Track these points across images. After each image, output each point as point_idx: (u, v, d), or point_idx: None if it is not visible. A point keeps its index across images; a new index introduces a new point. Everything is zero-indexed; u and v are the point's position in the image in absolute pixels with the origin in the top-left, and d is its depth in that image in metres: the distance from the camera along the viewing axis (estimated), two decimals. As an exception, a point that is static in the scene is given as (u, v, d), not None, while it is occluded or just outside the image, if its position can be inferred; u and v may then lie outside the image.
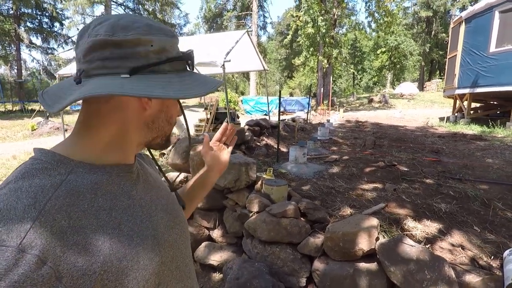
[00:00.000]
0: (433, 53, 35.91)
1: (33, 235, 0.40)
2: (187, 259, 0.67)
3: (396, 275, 1.82)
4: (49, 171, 0.48)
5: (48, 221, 0.42)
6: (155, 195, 0.63)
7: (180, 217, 0.68)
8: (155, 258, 0.54)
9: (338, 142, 6.14)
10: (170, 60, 0.54)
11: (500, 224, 2.51)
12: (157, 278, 0.54)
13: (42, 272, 0.39)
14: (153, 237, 0.55)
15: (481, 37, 9.71)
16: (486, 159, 4.72)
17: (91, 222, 0.47)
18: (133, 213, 0.54)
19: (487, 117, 10.08)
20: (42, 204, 0.43)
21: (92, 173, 0.51)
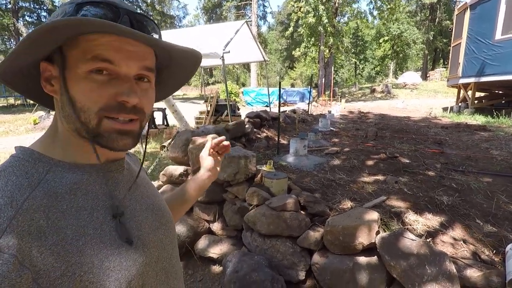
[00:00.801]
0: (437, 41, 35.30)
1: (9, 235, 0.39)
2: (174, 260, 0.65)
3: (396, 269, 1.80)
4: (27, 169, 0.46)
5: (25, 220, 0.41)
6: (140, 195, 0.61)
7: (166, 217, 0.66)
8: (138, 259, 0.52)
9: (340, 134, 6.09)
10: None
11: (503, 217, 2.48)
12: (141, 279, 0.52)
13: (20, 273, 0.38)
14: (137, 238, 0.54)
15: (487, 24, 9.50)
16: (490, 150, 4.66)
17: (71, 222, 0.45)
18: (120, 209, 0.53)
19: (492, 107, 9.95)
20: (19, 203, 0.42)
21: (71, 172, 0.50)
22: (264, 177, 2.66)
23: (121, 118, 0.50)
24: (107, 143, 0.50)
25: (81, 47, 0.46)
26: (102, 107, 0.48)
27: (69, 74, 0.48)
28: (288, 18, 31.49)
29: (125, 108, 0.49)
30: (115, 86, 0.48)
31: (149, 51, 0.52)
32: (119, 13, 0.47)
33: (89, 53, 0.46)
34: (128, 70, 0.49)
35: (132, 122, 0.51)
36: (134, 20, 0.49)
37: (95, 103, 0.47)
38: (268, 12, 33.54)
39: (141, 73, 0.51)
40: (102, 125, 0.49)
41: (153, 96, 0.55)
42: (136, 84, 0.50)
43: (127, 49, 0.48)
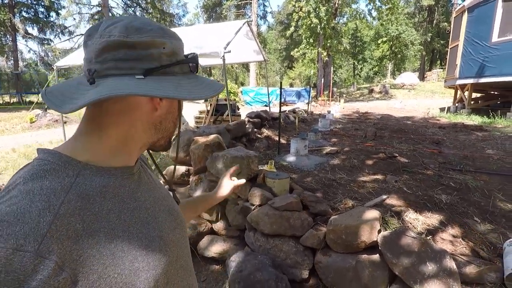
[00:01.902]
0: (434, 43, 35.51)
1: (50, 240, 0.40)
2: (188, 258, 0.68)
3: (398, 267, 1.85)
4: (57, 173, 0.47)
5: (63, 225, 0.42)
6: (157, 196, 0.64)
7: (180, 218, 0.69)
8: (163, 258, 0.55)
9: (339, 134, 6.13)
10: (179, 62, 0.56)
11: (500, 215, 2.53)
12: (166, 277, 0.55)
13: (59, 278, 0.39)
14: (160, 238, 0.56)
15: (484, 26, 9.59)
16: (486, 150, 4.72)
17: (103, 225, 0.47)
18: (140, 215, 0.55)
19: (488, 108, 10.04)
20: (56, 207, 0.43)
21: (99, 175, 0.51)
22: (266, 177, 2.69)
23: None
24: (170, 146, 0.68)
25: None
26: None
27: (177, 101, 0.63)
28: (288, 18, 31.54)
29: None
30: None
31: None
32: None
33: None
34: None
35: None
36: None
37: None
38: (268, 12, 33.53)
39: None
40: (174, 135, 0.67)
41: None
42: None
43: None
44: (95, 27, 0.53)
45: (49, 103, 0.50)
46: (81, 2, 23.50)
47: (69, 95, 0.50)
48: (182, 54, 0.58)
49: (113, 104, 0.53)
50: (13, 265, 0.37)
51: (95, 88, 0.48)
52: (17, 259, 0.37)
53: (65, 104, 0.48)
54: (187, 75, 0.58)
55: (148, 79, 0.50)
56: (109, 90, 0.46)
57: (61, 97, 0.50)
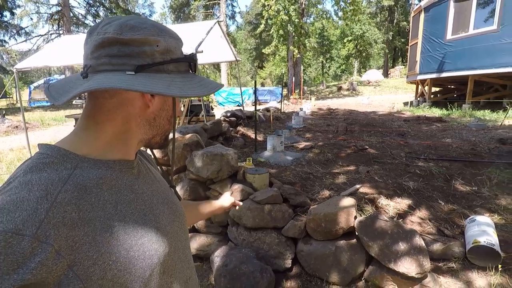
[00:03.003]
0: (395, 41, 37.43)
1: (47, 225, 0.42)
2: (187, 250, 0.70)
3: (374, 248, 1.99)
4: (56, 165, 0.49)
5: (59, 212, 0.44)
6: (156, 189, 0.66)
7: (179, 211, 0.71)
8: (159, 248, 0.57)
9: (312, 130, 6.33)
10: (174, 60, 0.56)
11: (460, 197, 2.78)
12: (162, 267, 0.57)
13: (56, 261, 0.42)
14: (156, 229, 0.58)
15: (439, 25, 10.31)
16: (446, 139, 5.11)
17: (99, 214, 0.49)
18: (137, 207, 0.57)
19: (446, 100, 10.81)
20: (53, 196, 0.45)
21: (96, 168, 0.53)
22: (246, 173, 2.75)
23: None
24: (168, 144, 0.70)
25: None
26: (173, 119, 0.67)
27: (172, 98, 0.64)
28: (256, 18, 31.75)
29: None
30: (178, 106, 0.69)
31: None
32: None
33: None
34: None
35: None
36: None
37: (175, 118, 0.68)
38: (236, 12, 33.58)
39: None
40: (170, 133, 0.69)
41: None
42: None
43: None
44: (95, 25, 0.55)
45: (49, 97, 0.54)
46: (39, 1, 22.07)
47: (67, 89, 0.53)
48: (178, 52, 0.58)
49: (108, 100, 0.55)
50: (12, 248, 0.39)
51: (87, 82, 0.51)
52: (16, 242, 0.39)
53: (61, 97, 0.52)
54: (184, 74, 0.58)
55: (139, 76, 0.51)
56: (96, 84, 0.49)
57: (60, 91, 0.54)
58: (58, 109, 16.07)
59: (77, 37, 7.40)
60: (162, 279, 0.57)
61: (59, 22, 21.92)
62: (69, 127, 9.99)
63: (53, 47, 6.91)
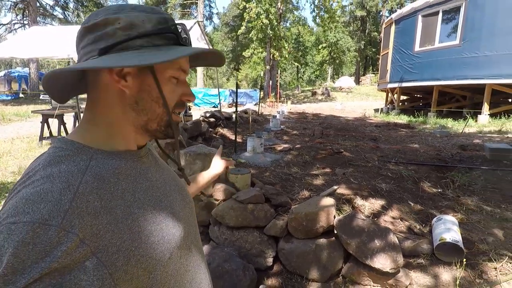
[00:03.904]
0: (367, 50, 39.13)
1: (71, 215, 0.43)
2: (197, 235, 0.72)
3: (351, 246, 2.09)
4: (72, 158, 0.50)
5: (83, 202, 0.45)
6: (166, 177, 0.67)
7: (188, 197, 0.73)
8: (176, 233, 0.58)
9: (289, 133, 6.47)
10: (142, 35, 0.52)
11: (427, 198, 2.99)
12: (179, 251, 0.59)
13: (81, 250, 0.43)
14: (172, 214, 0.60)
15: (408, 37, 10.96)
16: (414, 144, 5.44)
17: (119, 203, 0.50)
18: (153, 194, 0.58)
19: (413, 108, 11.49)
20: (75, 187, 0.46)
21: (110, 158, 0.55)
22: (229, 173, 2.79)
23: (178, 112, 0.61)
24: (174, 133, 0.60)
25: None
26: (176, 104, 0.60)
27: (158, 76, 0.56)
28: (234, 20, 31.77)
29: (184, 105, 0.61)
30: (180, 88, 0.60)
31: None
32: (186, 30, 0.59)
33: (178, 63, 0.58)
34: (186, 76, 0.61)
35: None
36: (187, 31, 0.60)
37: (173, 101, 0.59)
38: (214, 13, 33.38)
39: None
40: (172, 118, 0.59)
41: None
42: None
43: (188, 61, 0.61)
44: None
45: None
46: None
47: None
48: (148, 26, 0.53)
49: (92, 91, 0.57)
50: (40, 237, 0.40)
51: None
52: (43, 232, 0.40)
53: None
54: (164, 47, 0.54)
55: (103, 57, 0.50)
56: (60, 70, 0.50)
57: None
58: (21, 104, 15.08)
59: (45, 29, 7.05)
60: (180, 262, 0.59)
61: (23, 12, 20.60)
62: (34, 123, 9.41)
63: (19, 38, 6.53)
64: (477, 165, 3.82)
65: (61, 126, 6.19)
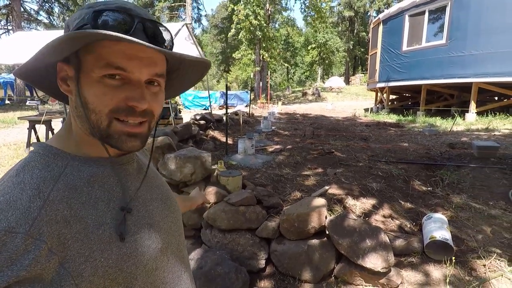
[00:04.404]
0: (356, 50, 39.61)
1: (40, 223, 0.43)
2: (181, 245, 0.70)
3: (343, 246, 2.10)
4: (47, 163, 0.50)
5: (52, 210, 0.45)
6: (150, 185, 0.65)
7: (174, 206, 0.71)
8: (152, 245, 0.57)
9: (280, 134, 6.48)
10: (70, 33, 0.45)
11: (418, 197, 3.02)
12: (154, 263, 0.57)
13: (49, 258, 0.42)
14: (150, 226, 0.58)
15: (396, 37, 11.11)
16: (403, 143, 5.51)
17: (91, 212, 0.49)
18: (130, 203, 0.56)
19: (402, 108, 11.65)
20: (46, 194, 0.45)
21: (87, 165, 0.53)
22: (220, 175, 2.77)
23: (131, 121, 0.52)
24: (116, 144, 0.53)
25: (97, 53, 0.48)
26: (112, 109, 0.50)
27: (83, 77, 0.50)
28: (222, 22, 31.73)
29: (134, 112, 0.51)
30: (126, 90, 0.50)
31: (161, 58, 0.54)
32: (134, 20, 0.50)
33: (104, 59, 0.48)
34: (140, 76, 0.51)
35: (141, 124, 0.54)
36: (147, 27, 0.52)
37: (106, 106, 0.50)
38: (202, 15, 33.25)
39: (151, 79, 0.53)
40: (112, 127, 0.51)
41: (162, 98, 0.59)
42: (146, 88, 0.52)
43: (139, 56, 0.50)
44: None
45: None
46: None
47: None
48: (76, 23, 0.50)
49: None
50: (6, 245, 0.39)
51: None
52: (9, 240, 0.40)
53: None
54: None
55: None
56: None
57: None
58: (7, 111, 14.73)
59: (31, 34, 6.91)
60: (155, 274, 0.57)
61: (7, 17, 20.14)
62: (21, 130, 9.21)
63: (4, 44, 6.39)
64: (466, 163, 3.89)
65: (49, 132, 6.02)
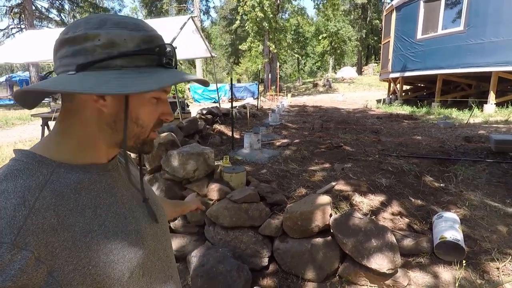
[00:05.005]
0: (369, 39, 38.52)
1: (26, 232, 0.42)
2: (168, 250, 0.70)
3: (348, 245, 2.03)
4: (32, 172, 0.48)
5: (39, 218, 0.44)
6: (136, 191, 0.65)
7: (160, 211, 0.71)
8: (139, 251, 0.57)
9: (289, 127, 6.38)
10: (122, 55, 0.49)
11: (429, 193, 2.90)
12: (141, 269, 0.57)
13: (36, 268, 0.41)
14: (136, 232, 0.58)
15: (410, 24, 10.70)
16: (416, 136, 5.33)
17: (78, 220, 0.49)
18: (116, 210, 0.56)
19: (416, 99, 11.29)
20: (31, 203, 0.44)
21: (73, 172, 0.52)
22: (223, 172, 2.72)
23: (158, 130, 0.63)
24: (147, 149, 0.61)
25: None
26: (154, 124, 0.59)
27: (135, 97, 0.54)
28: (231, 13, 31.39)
29: (162, 124, 0.61)
30: (159, 107, 0.59)
31: None
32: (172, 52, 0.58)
33: None
34: (166, 95, 0.61)
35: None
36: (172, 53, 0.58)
37: (152, 121, 0.58)
38: (211, 7, 33.02)
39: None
40: (149, 137, 0.60)
41: None
42: None
43: None
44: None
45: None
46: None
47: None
48: (130, 45, 0.50)
49: (69, 103, 0.54)
50: None
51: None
52: None
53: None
54: (145, 69, 0.51)
55: (82, 75, 0.48)
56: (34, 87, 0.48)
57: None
58: (23, 108, 15.08)
59: (41, 32, 6.97)
60: (142, 280, 0.58)
61: (20, 16, 20.43)
62: (36, 126, 9.42)
63: (15, 43, 6.48)
64: (482, 158, 3.71)
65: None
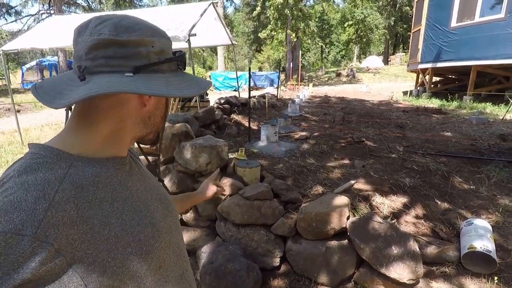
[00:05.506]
0: (397, 27, 36.65)
1: (46, 225, 0.43)
2: (181, 244, 0.72)
3: (365, 251, 1.90)
4: (50, 165, 0.49)
5: (58, 211, 0.45)
6: (149, 185, 0.67)
7: (172, 206, 0.73)
8: (155, 244, 0.59)
9: (308, 119, 6.19)
10: (168, 60, 0.58)
11: (457, 196, 2.69)
12: (158, 262, 0.60)
13: (56, 260, 0.43)
14: (152, 225, 0.60)
15: (444, 11, 9.99)
16: (445, 132, 5.00)
17: (97, 212, 0.50)
18: (132, 203, 0.58)
19: (446, 91, 10.63)
20: (51, 195, 0.45)
21: (91, 166, 0.54)
22: (237, 166, 2.64)
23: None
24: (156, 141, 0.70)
25: None
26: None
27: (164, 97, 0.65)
28: (254, -1, 30.78)
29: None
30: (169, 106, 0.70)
31: None
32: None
33: None
34: None
35: None
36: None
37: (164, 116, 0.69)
38: (234, -7, 32.48)
39: None
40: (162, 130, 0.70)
41: None
42: None
43: None
44: (84, 25, 0.54)
45: (39, 98, 0.52)
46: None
47: (60, 90, 0.52)
48: (170, 52, 0.59)
49: (103, 99, 0.55)
50: (13, 248, 0.40)
51: (85, 85, 0.50)
52: (16, 242, 0.40)
53: (56, 100, 0.50)
54: (175, 73, 0.60)
55: (137, 77, 0.52)
56: (99, 87, 0.48)
57: (52, 93, 0.52)
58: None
59: (68, 18, 7.07)
60: (158, 273, 0.60)
61: (49, 1, 21.03)
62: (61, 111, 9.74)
63: (42, 28, 6.61)
64: (518, 158, 3.40)
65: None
